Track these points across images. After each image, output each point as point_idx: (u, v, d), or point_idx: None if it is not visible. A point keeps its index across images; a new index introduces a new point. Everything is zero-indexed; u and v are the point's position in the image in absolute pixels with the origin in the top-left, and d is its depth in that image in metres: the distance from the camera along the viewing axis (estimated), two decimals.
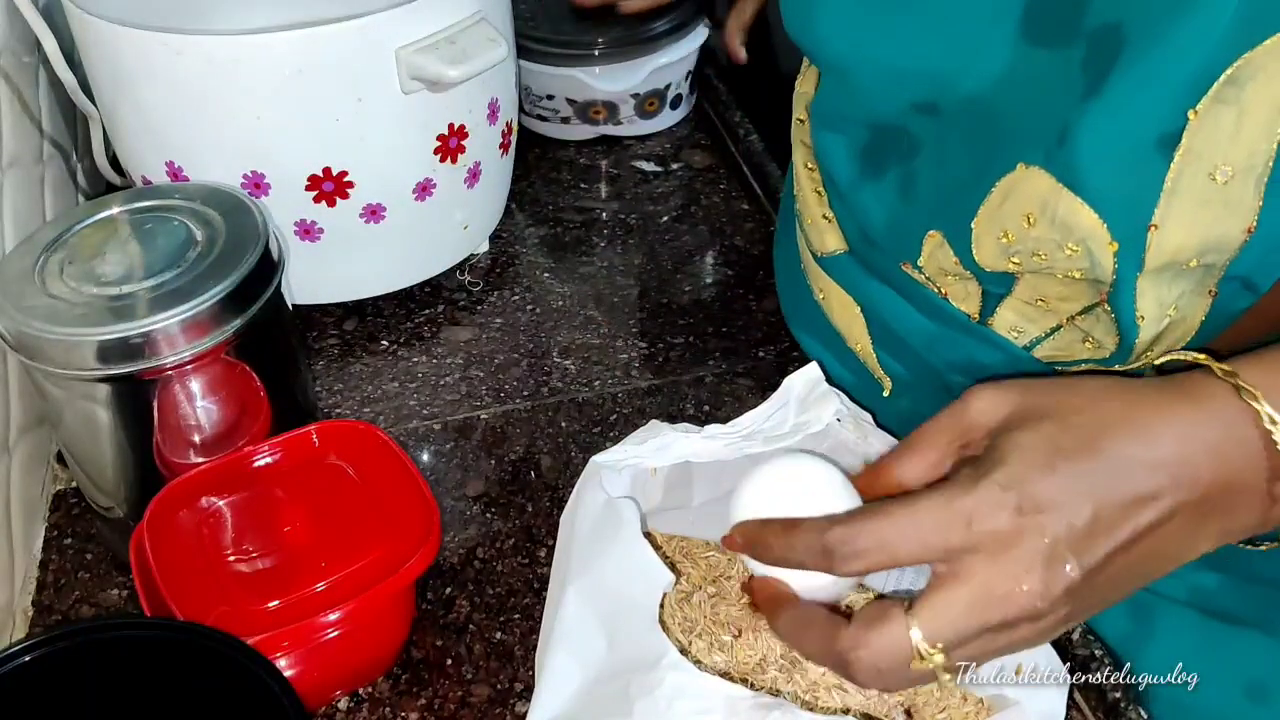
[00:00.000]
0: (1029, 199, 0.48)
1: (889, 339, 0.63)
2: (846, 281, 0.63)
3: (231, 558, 0.55)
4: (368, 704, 0.56)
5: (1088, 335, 0.54)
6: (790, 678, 0.51)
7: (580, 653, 0.48)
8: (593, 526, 0.50)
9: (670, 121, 1.02)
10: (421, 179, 0.74)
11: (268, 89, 0.67)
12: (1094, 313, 0.52)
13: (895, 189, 0.57)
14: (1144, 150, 0.45)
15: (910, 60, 0.52)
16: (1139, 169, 0.45)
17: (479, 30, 0.70)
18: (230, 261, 0.57)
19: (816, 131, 0.62)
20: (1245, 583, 0.53)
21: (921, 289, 0.58)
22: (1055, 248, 0.49)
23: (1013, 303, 0.55)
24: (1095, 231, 0.47)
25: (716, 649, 0.53)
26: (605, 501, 0.51)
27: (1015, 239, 0.50)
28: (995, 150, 0.50)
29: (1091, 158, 0.46)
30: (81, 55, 0.73)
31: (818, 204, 0.64)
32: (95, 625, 0.49)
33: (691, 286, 0.83)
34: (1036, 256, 0.50)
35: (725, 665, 0.52)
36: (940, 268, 0.56)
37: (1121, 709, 0.53)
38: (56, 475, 0.69)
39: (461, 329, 0.80)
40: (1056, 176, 0.47)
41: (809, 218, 0.65)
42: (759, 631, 0.52)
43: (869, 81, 0.54)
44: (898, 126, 0.55)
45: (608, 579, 0.49)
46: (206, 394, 0.58)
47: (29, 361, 0.55)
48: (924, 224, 0.55)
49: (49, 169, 0.77)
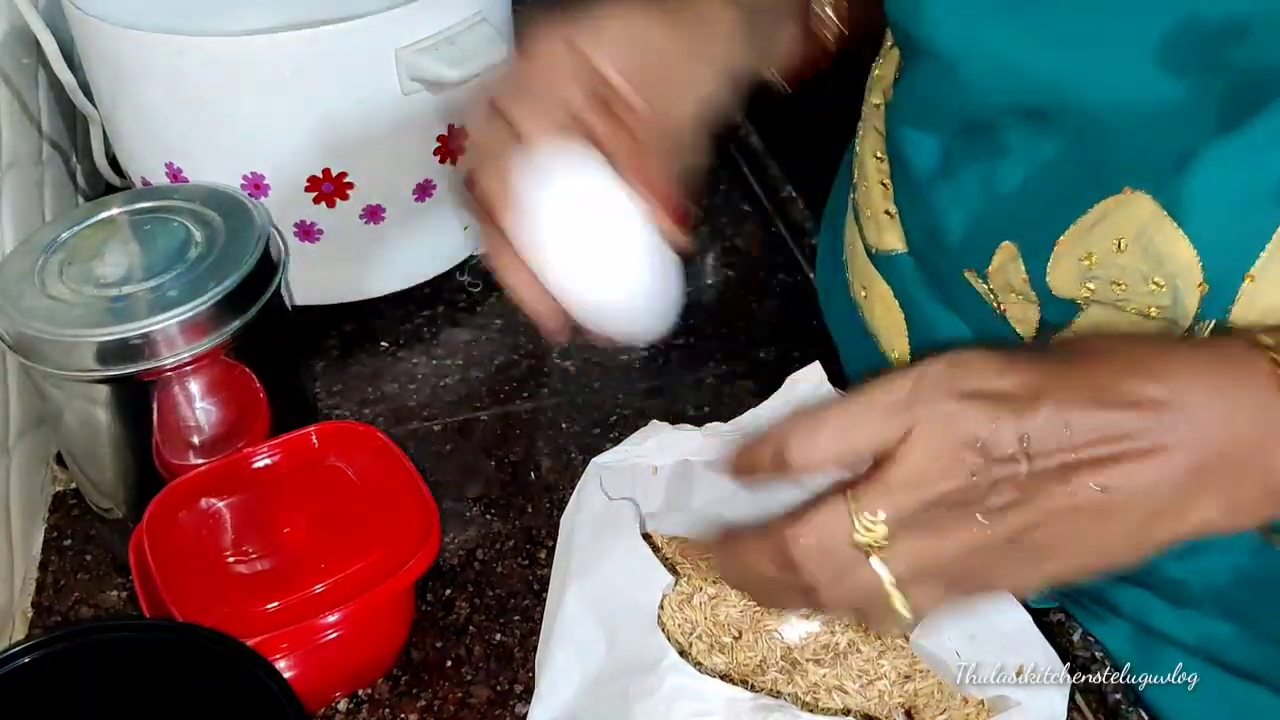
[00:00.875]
0: (1125, 224, 0.47)
1: (929, 350, 0.61)
2: (897, 283, 0.61)
3: (231, 559, 0.55)
4: (367, 705, 0.56)
5: None
6: (790, 679, 0.51)
7: (580, 654, 0.48)
8: (593, 528, 0.50)
9: None
10: (421, 180, 0.74)
11: (268, 89, 0.67)
12: None
13: (976, 190, 0.54)
14: (1261, 199, 0.43)
15: (1030, 61, 0.49)
16: (1251, 216, 0.44)
17: (479, 31, 0.70)
18: (230, 262, 0.57)
19: (896, 120, 0.59)
20: (1258, 639, 0.52)
21: (978, 302, 0.56)
22: (1140, 279, 0.47)
23: (1069, 336, 0.53)
24: (1189, 268, 0.45)
25: (716, 650, 0.53)
26: (605, 503, 0.51)
27: (1098, 263, 0.48)
28: (1101, 170, 0.48)
29: (1206, 191, 0.44)
30: (81, 56, 0.73)
31: (882, 197, 0.61)
32: (95, 626, 0.49)
33: (692, 287, 0.83)
34: (1116, 285, 0.48)
35: (725, 667, 0.52)
36: (1007, 282, 0.53)
37: (1122, 710, 0.53)
38: (56, 476, 0.69)
39: (461, 330, 0.80)
40: (1163, 204, 0.45)
41: (869, 210, 0.61)
42: (759, 633, 0.52)
43: (977, 76, 0.51)
44: (994, 126, 0.53)
45: (607, 580, 0.49)
46: (206, 395, 0.58)
47: (29, 362, 0.55)
48: (1001, 232, 0.53)
49: (48, 170, 0.77)
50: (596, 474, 0.53)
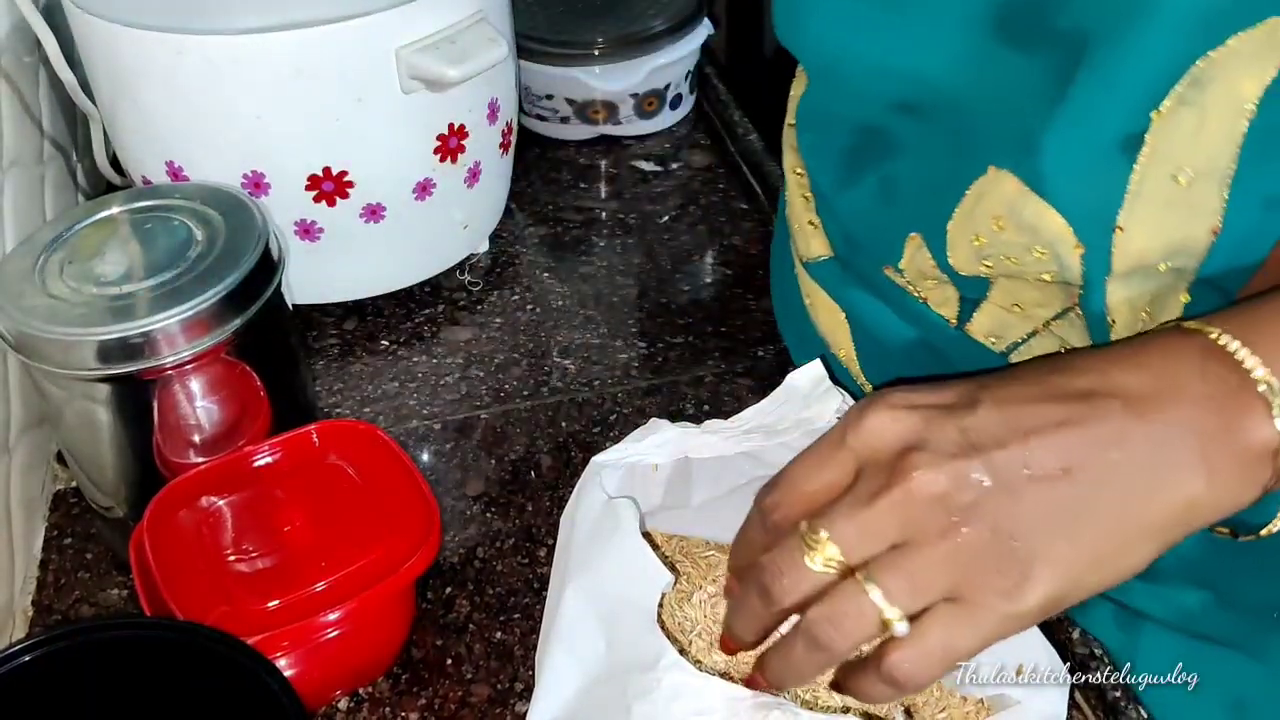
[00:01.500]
0: (998, 202, 0.48)
1: (871, 346, 0.63)
2: (831, 287, 0.64)
3: (231, 558, 0.55)
4: (368, 704, 0.56)
5: (1064, 341, 0.54)
6: None
7: (579, 653, 0.48)
8: (592, 526, 0.50)
9: (669, 121, 1.02)
10: (421, 179, 0.74)
11: (268, 89, 0.67)
12: (1067, 317, 0.52)
13: (877, 191, 0.57)
14: (1108, 153, 0.44)
15: (893, 58, 0.52)
16: (1103, 172, 0.45)
17: (479, 30, 0.70)
18: (230, 261, 0.57)
19: (802, 134, 0.62)
20: (1228, 608, 0.53)
21: (902, 293, 0.58)
22: (1024, 251, 0.49)
23: (989, 308, 0.55)
24: (1061, 235, 0.47)
25: (716, 649, 0.53)
26: (604, 501, 0.51)
27: (986, 242, 0.50)
28: (969, 153, 0.49)
29: (1056, 163, 0.45)
30: (81, 55, 0.73)
31: (804, 209, 0.64)
32: (95, 625, 0.49)
33: (691, 286, 0.83)
34: (1008, 260, 0.50)
35: (725, 665, 0.52)
36: (920, 271, 0.56)
37: (1121, 708, 0.53)
38: (56, 475, 0.69)
39: (461, 329, 0.80)
40: (1023, 180, 0.47)
41: (796, 223, 0.65)
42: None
43: (854, 80, 0.54)
44: (880, 127, 0.55)
45: (607, 578, 0.49)
46: (206, 394, 0.58)
47: (29, 361, 0.55)
48: (905, 226, 0.55)
49: (49, 169, 0.77)
50: (596, 472, 0.53)
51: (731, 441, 0.55)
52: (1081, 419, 0.39)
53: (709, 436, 0.55)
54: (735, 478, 0.58)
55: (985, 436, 0.39)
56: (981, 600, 0.39)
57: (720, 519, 0.58)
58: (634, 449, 0.54)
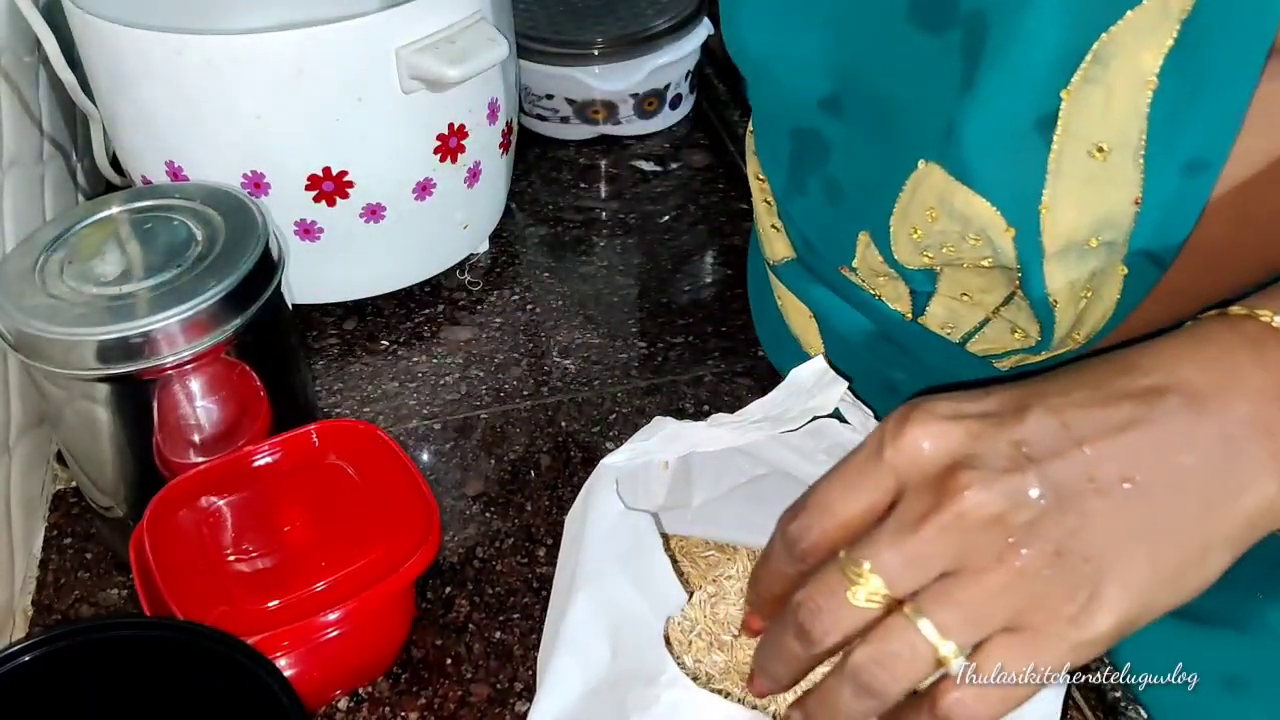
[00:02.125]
0: (929, 194, 0.49)
1: (837, 343, 0.63)
2: (797, 288, 0.64)
3: (231, 557, 0.55)
4: (367, 704, 0.56)
5: (1014, 325, 0.54)
6: None
7: (584, 660, 0.48)
8: (607, 534, 0.50)
9: (669, 121, 1.02)
10: (421, 179, 0.74)
11: (268, 89, 0.67)
12: (1014, 302, 0.53)
13: (821, 192, 0.57)
14: (1024, 135, 0.45)
15: (814, 53, 0.52)
16: (1022, 154, 0.45)
17: (479, 30, 0.70)
18: (230, 261, 0.57)
19: (757, 140, 0.62)
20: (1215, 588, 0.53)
21: (859, 291, 0.59)
22: (959, 239, 0.49)
23: (939, 299, 0.55)
24: (991, 220, 0.47)
25: (716, 648, 0.53)
26: (621, 511, 0.50)
27: (924, 234, 0.50)
28: (899, 148, 0.50)
29: (975, 148, 0.46)
30: (81, 55, 0.73)
31: (767, 213, 0.64)
32: (95, 625, 0.49)
33: (691, 286, 0.84)
34: (946, 249, 0.50)
35: (725, 664, 0.52)
36: (871, 268, 0.56)
37: (1121, 708, 0.53)
38: (56, 475, 0.69)
39: (461, 329, 0.80)
40: (948, 170, 0.47)
41: (761, 227, 0.66)
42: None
43: (783, 80, 0.55)
44: (813, 129, 0.55)
45: (620, 591, 0.48)
46: (206, 394, 0.58)
47: (29, 361, 0.55)
48: (853, 225, 0.55)
49: (49, 168, 0.77)
50: (608, 476, 0.52)
51: (739, 433, 0.55)
52: (1143, 420, 0.36)
53: (716, 430, 0.54)
54: (735, 477, 0.58)
55: (1040, 448, 0.36)
56: (1047, 629, 0.35)
57: (720, 519, 0.59)
58: (642, 448, 0.54)
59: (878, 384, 0.61)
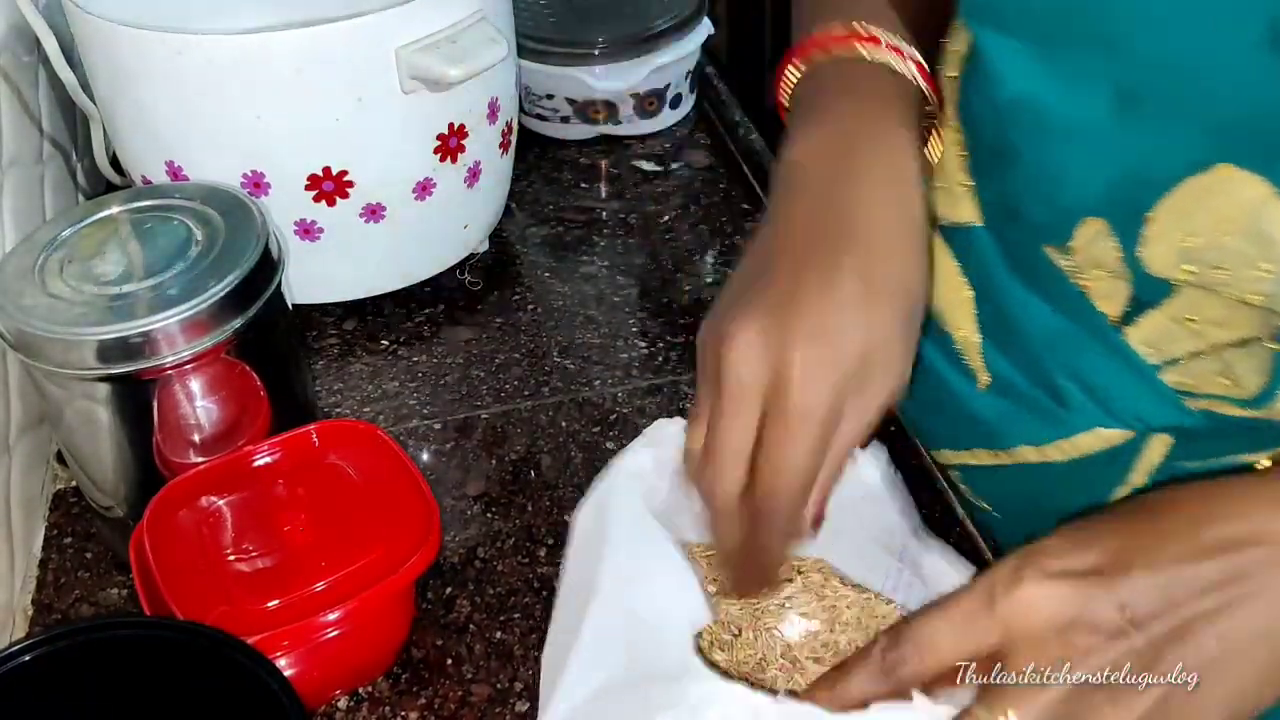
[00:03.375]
0: (1232, 204, 0.44)
1: (1001, 330, 0.58)
2: (968, 259, 0.58)
3: (231, 557, 0.55)
4: (368, 703, 0.56)
5: (1228, 369, 0.50)
6: (790, 677, 0.51)
7: (602, 659, 0.47)
8: (628, 541, 0.49)
9: (670, 121, 1.01)
10: (421, 178, 0.74)
11: (268, 88, 0.67)
12: (1249, 347, 0.49)
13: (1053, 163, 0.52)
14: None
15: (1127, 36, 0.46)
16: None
17: (479, 29, 0.70)
18: (230, 261, 0.57)
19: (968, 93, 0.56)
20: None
21: (1059, 278, 0.53)
22: (1245, 263, 0.45)
23: (1158, 315, 0.51)
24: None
25: (717, 647, 0.53)
26: (641, 514, 0.49)
27: (1203, 244, 0.46)
28: (1193, 143, 0.45)
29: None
30: (81, 54, 0.73)
31: (958, 168, 0.58)
32: (95, 624, 0.49)
33: (692, 286, 0.83)
34: (1219, 270, 0.46)
35: (725, 664, 0.52)
36: (1093, 258, 0.51)
37: None
38: (56, 474, 0.69)
39: (462, 328, 0.80)
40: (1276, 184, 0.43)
41: (945, 180, 0.59)
42: (759, 631, 0.52)
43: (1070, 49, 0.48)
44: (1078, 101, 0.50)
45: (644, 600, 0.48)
46: (206, 393, 0.58)
47: (29, 361, 0.55)
48: (1083, 207, 0.50)
49: (49, 168, 0.77)
50: (629, 478, 0.51)
51: None
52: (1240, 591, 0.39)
53: None
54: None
55: (1143, 611, 0.39)
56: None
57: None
58: (659, 452, 0.53)
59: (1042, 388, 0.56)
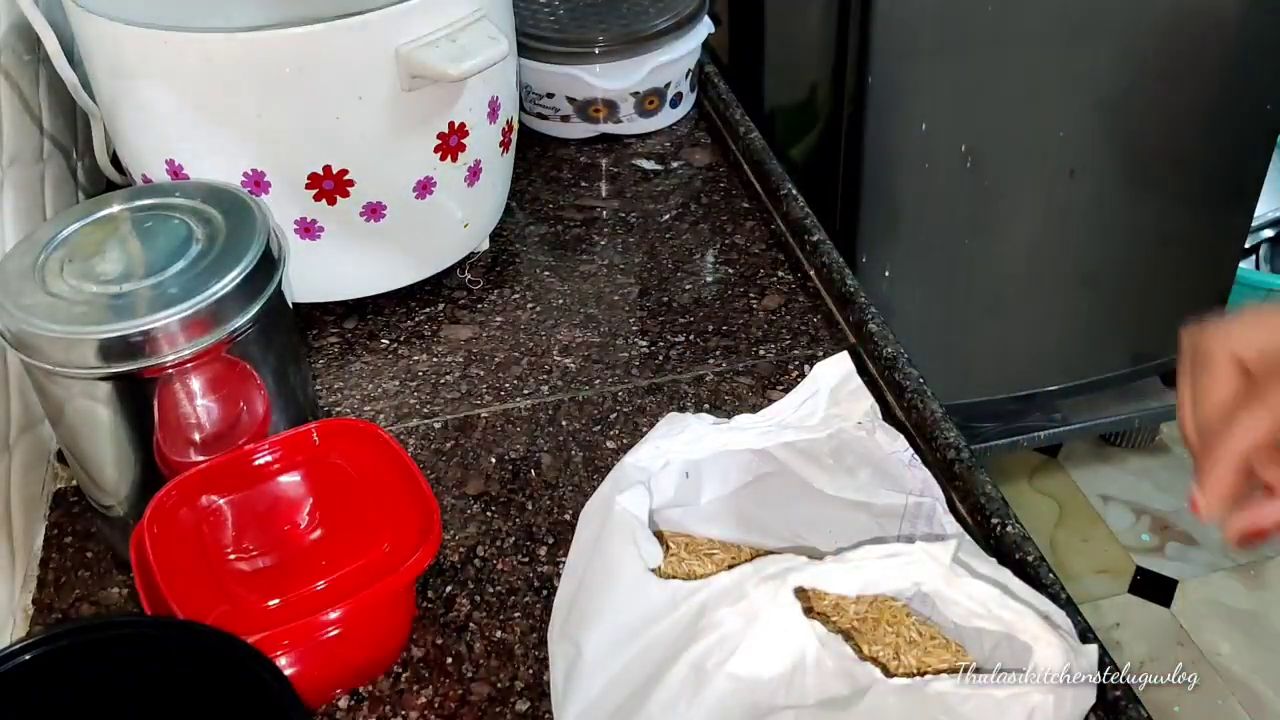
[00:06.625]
0: None
1: None
2: None
3: (232, 556, 0.55)
4: (368, 702, 0.56)
5: None
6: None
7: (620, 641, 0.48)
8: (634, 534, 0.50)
9: (670, 120, 1.01)
10: (422, 177, 0.74)
11: (268, 87, 0.67)
12: None
13: None
14: None
15: None
16: None
17: (480, 28, 0.70)
18: (230, 260, 0.57)
19: None
20: None
21: None
22: None
23: None
24: None
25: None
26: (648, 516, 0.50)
27: None
28: None
29: None
30: (82, 53, 0.72)
31: None
32: (95, 624, 0.49)
33: (692, 285, 0.83)
34: None
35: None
36: None
37: (1122, 707, 0.53)
38: (57, 474, 0.69)
39: (462, 327, 0.80)
40: None
41: None
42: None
43: None
44: None
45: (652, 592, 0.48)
46: (207, 392, 0.58)
47: (29, 359, 0.55)
48: None
49: (49, 167, 0.77)
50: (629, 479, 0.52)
51: (765, 437, 0.55)
52: None
53: (741, 433, 0.54)
54: (742, 475, 0.58)
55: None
56: None
57: (726, 518, 0.58)
58: (666, 448, 0.53)
59: None
